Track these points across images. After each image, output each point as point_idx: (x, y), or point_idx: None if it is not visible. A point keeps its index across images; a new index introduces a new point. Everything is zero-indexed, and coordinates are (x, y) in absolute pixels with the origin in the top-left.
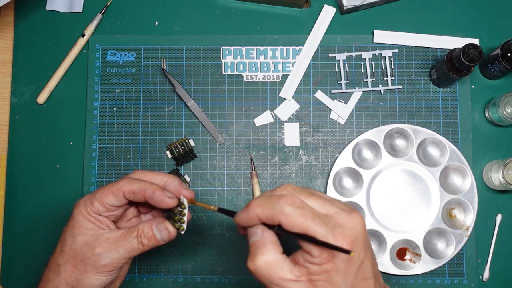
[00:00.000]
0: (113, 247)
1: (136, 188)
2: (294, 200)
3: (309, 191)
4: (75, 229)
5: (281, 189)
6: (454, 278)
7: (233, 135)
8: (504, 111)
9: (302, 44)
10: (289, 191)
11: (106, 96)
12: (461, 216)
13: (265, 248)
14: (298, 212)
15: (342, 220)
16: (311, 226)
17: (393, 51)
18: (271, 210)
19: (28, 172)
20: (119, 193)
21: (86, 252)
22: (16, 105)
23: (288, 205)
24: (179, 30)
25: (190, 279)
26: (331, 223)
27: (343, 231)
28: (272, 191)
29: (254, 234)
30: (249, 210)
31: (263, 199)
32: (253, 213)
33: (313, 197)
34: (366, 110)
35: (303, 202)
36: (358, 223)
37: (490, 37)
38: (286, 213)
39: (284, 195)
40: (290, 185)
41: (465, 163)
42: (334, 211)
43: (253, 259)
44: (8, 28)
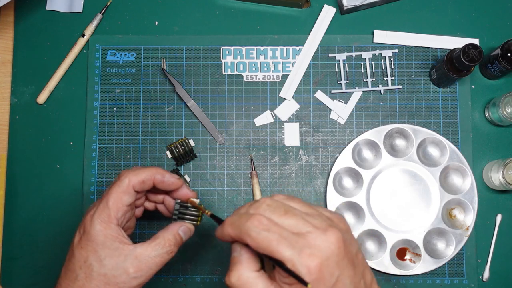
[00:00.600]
0: (145, 265)
1: (143, 177)
2: (261, 221)
3: (284, 208)
4: (100, 252)
5: (257, 205)
6: (454, 278)
7: (233, 135)
8: (504, 111)
9: (302, 44)
10: (263, 208)
11: (106, 96)
12: (461, 216)
13: (240, 265)
14: (263, 235)
15: (313, 239)
16: (275, 249)
17: (393, 51)
18: (239, 231)
19: (28, 172)
20: (130, 189)
21: (118, 275)
22: (16, 105)
23: (254, 227)
24: (179, 30)
25: (190, 279)
26: (299, 244)
27: (312, 252)
28: (250, 206)
29: (234, 250)
30: (224, 228)
31: (235, 219)
32: (226, 232)
33: (286, 215)
34: (366, 110)
35: (270, 223)
36: (332, 242)
37: (490, 37)
38: (251, 236)
39: (252, 216)
40: (267, 199)
41: (465, 163)
42: (306, 230)
43: (229, 274)
44: (8, 28)
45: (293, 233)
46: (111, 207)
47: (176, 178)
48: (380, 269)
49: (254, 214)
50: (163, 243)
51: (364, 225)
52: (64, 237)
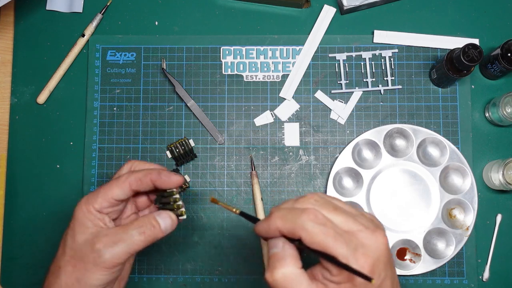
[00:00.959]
0: (112, 241)
1: (141, 175)
2: (317, 216)
3: (332, 205)
4: (76, 228)
5: (304, 200)
6: (454, 278)
7: (233, 135)
8: (504, 111)
9: (302, 44)
10: (312, 203)
11: (106, 96)
12: (461, 216)
13: (284, 261)
14: (319, 229)
15: (365, 239)
16: (332, 245)
17: (393, 51)
18: (292, 225)
19: (28, 172)
20: (124, 185)
21: (85, 250)
22: (16, 105)
23: (310, 221)
24: (179, 30)
25: (190, 279)
26: (353, 243)
27: (365, 252)
28: (295, 201)
29: (275, 246)
30: (270, 222)
31: (285, 212)
32: (274, 226)
33: (336, 211)
34: (366, 110)
35: (325, 218)
36: (382, 242)
37: (490, 37)
38: (307, 230)
39: (307, 210)
40: (314, 195)
41: (465, 163)
42: (357, 229)
43: (272, 271)
44: (8, 28)
45: (345, 231)
46: (101, 193)
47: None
48: None
49: (307, 208)
50: (136, 225)
51: None
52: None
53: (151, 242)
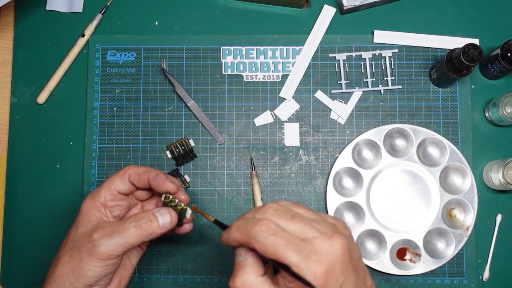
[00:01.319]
0: (108, 233)
1: (141, 170)
2: (268, 226)
3: (290, 213)
4: (79, 221)
5: (264, 210)
6: (454, 278)
7: (233, 135)
8: (504, 111)
9: (302, 44)
10: (270, 213)
11: (106, 96)
12: (461, 216)
13: (245, 269)
14: (270, 239)
15: (319, 245)
16: (282, 254)
17: (393, 51)
18: (246, 236)
19: (28, 172)
20: (125, 177)
21: (83, 241)
22: (16, 105)
23: (262, 232)
24: (179, 30)
25: (190, 279)
26: (306, 250)
27: (318, 258)
28: (256, 211)
29: (238, 254)
30: (230, 232)
31: (242, 223)
32: (232, 236)
33: (293, 220)
34: (366, 110)
35: (278, 228)
36: (338, 248)
37: (490, 37)
38: (259, 240)
39: (260, 221)
40: (274, 205)
41: (465, 163)
42: (313, 236)
43: (233, 279)
44: (8, 28)
45: (300, 239)
46: (104, 186)
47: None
48: (380, 269)
49: (261, 219)
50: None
51: (364, 225)
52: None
53: (148, 237)
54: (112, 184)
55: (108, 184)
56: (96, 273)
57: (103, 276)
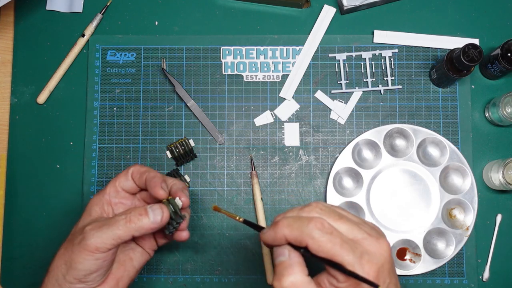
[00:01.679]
0: (99, 226)
1: (143, 170)
2: (323, 225)
3: (337, 213)
4: (82, 216)
5: (310, 209)
6: (454, 278)
7: (233, 135)
8: (504, 111)
9: (302, 44)
10: (318, 212)
11: (106, 96)
12: (461, 216)
13: (292, 269)
14: (326, 237)
15: (369, 246)
16: (338, 253)
17: (393, 51)
18: (299, 233)
19: (28, 172)
20: (128, 174)
21: (77, 233)
22: (16, 105)
23: (317, 230)
24: (179, 30)
25: (190, 279)
26: (358, 250)
27: (370, 259)
28: (300, 210)
29: (281, 254)
30: (277, 230)
31: (292, 221)
32: (281, 234)
33: (341, 220)
34: (366, 110)
35: (332, 227)
36: (385, 250)
37: (490, 37)
38: (315, 238)
39: (314, 219)
40: (319, 204)
41: (465, 163)
42: (362, 237)
43: (280, 279)
44: (8, 28)
45: (350, 239)
46: (109, 183)
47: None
48: None
49: (314, 217)
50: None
51: None
52: (64, 237)
53: (137, 231)
54: (117, 180)
55: (113, 181)
56: (85, 266)
57: (93, 271)
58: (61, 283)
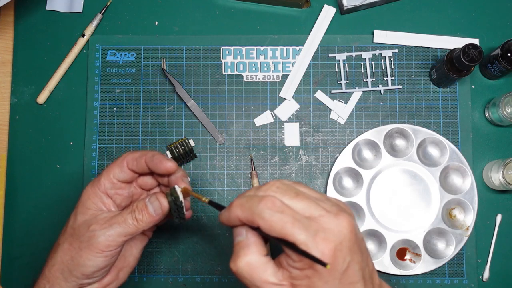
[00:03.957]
0: (107, 224)
1: (137, 155)
2: (274, 203)
3: (294, 190)
4: (78, 208)
5: (266, 188)
6: (454, 278)
7: (233, 135)
8: (504, 111)
9: (302, 44)
10: (273, 191)
11: (106, 96)
12: (461, 216)
13: (248, 249)
14: (277, 217)
15: (326, 223)
16: (290, 232)
17: (393, 51)
18: (250, 213)
19: (28, 172)
20: (123, 164)
21: (82, 230)
22: (16, 105)
23: (267, 209)
24: (179, 30)
25: (190, 279)
26: (313, 228)
27: (326, 236)
28: (257, 189)
29: (239, 234)
30: (231, 210)
31: (244, 200)
32: (234, 214)
33: (298, 197)
34: (366, 110)
35: (283, 206)
36: (345, 226)
37: (490, 37)
38: (265, 218)
39: (265, 197)
40: (276, 182)
41: (465, 163)
42: (319, 214)
43: (235, 260)
44: (8, 28)
45: (306, 217)
46: (103, 174)
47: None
48: (380, 269)
49: (266, 195)
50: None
51: (364, 225)
52: None
53: (147, 226)
54: (111, 172)
55: (107, 173)
56: (95, 262)
57: (102, 268)
58: (66, 277)
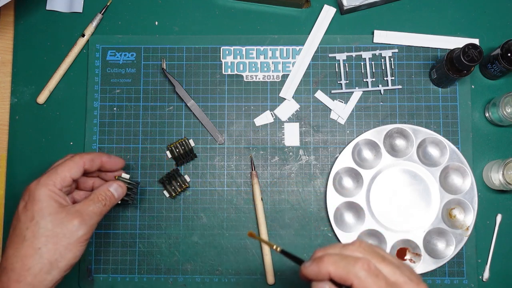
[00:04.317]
0: (86, 216)
1: (93, 156)
2: (370, 266)
3: (381, 255)
4: (44, 210)
5: (353, 248)
6: (454, 278)
7: (233, 135)
8: (504, 111)
9: (302, 44)
10: (361, 252)
11: (106, 96)
12: (461, 216)
13: None
14: (372, 279)
15: None
16: None
17: (393, 51)
18: (345, 272)
19: (28, 172)
20: (80, 164)
21: (64, 228)
22: (16, 105)
23: (364, 270)
24: (179, 30)
25: (190, 279)
26: None
27: None
28: (343, 247)
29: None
30: (321, 266)
31: (338, 259)
32: (325, 270)
33: (384, 262)
34: (366, 110)
35: (377, 270)
36: None
37: (490, 37)
38: (361, 278)
39: (360, 259)
40: (362, 244)
41: (465, 163)
42: (403, 281)
43: None
44: (8, 28)
45: (391, 282)
46: (59, 173)
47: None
48: None
49: (360, 258)
50: (96, 198)
51: (364, 225)
52: None
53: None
54: (69, 172)
55: (64, 172)
56: (78, 257)
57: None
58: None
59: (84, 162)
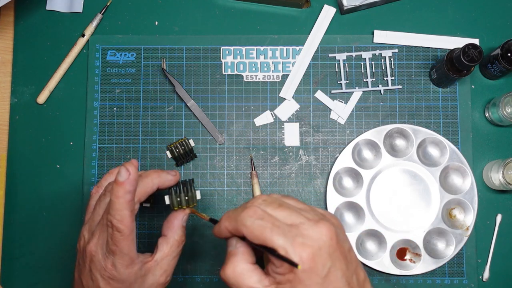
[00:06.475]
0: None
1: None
2: (256, 212)
3: (278, 202)
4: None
5: (252, 201)
6: (454, 278)
7: (233, 135)
8: (504, 111)
9: (302, 44)
10: (258, 203)
11: (106, 96)
12: (461, 216)
13: (235, 258)
14: (257, 223)
15: (306, 230)
16: (269, 237)
17: (393, 51)
18: (235, 222)
19: (28, 172)
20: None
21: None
22: (16, 105)
23: (249, 217)
24: (179, 30)
25: (190, 279)
26: (292, 234)
27: (304, 241)
28: (245, 202)
29: (230, 245)
30: (220, 223)
31: (231, 212)
32: (223, 226)
33: (280, 208)
34: (366, 110)
35: (264, 213)
36: (324, 233)
37: (490, 37)
38: (246, 225)
39: (247, 207)
40: (263, 196)
41: (465, 163)
42: (300, 222)
43: (224, 267)
44: (8, 28)
45: (286, 224)
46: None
47: (173, 175)
48: (380, 269)
49: (249, 206)
50: (175, 243)
51: (364, 225)
52: (64, 237)
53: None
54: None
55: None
56: None
57: None
58: None
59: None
